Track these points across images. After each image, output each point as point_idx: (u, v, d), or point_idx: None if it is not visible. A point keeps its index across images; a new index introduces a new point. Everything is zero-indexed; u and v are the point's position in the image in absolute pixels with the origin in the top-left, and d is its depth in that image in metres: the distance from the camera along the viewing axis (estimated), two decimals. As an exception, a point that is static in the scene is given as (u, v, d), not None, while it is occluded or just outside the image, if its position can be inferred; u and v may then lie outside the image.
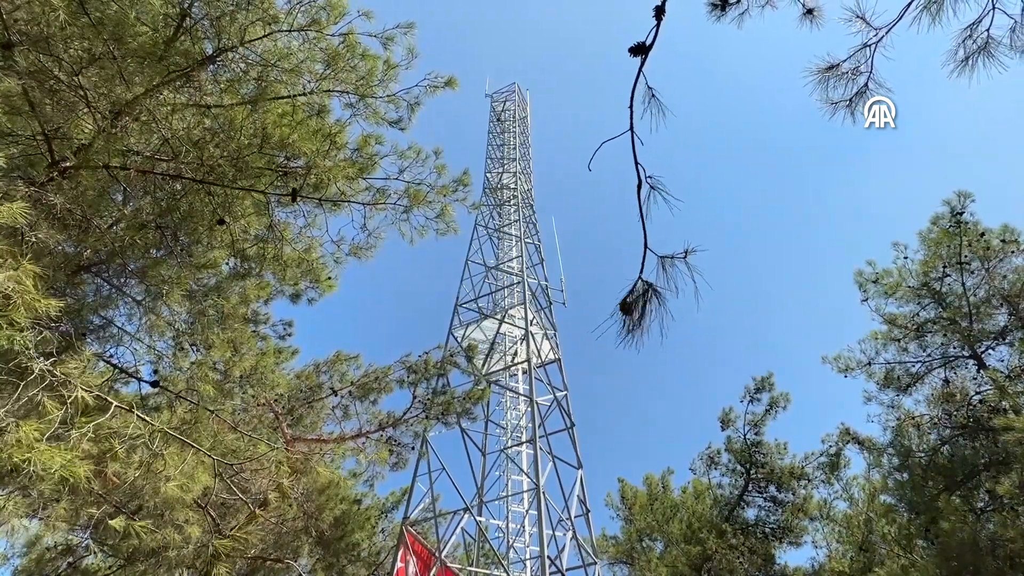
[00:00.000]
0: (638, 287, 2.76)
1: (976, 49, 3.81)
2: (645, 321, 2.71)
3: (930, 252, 14.17)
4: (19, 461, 3.95)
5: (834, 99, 3.87)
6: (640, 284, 2.77)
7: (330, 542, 13.80)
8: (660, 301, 2.68)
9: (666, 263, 2.66)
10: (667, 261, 2.65)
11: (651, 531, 19.88)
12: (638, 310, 2.72)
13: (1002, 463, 11.91)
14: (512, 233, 20.98)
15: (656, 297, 2.68)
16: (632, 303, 2.75)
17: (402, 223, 6.48)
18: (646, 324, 2.72)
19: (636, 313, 2.71)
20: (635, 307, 2.73)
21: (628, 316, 2.74)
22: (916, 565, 13.01)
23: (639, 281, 2.78)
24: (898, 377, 14.71)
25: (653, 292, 2.69)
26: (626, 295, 2.77)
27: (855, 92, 3.88)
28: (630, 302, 2.75)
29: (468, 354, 13.93)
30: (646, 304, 2.69)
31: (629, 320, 2.74)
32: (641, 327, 2.71)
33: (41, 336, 4.35)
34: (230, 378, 8.88)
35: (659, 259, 2.71)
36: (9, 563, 15.72)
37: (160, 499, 6.54)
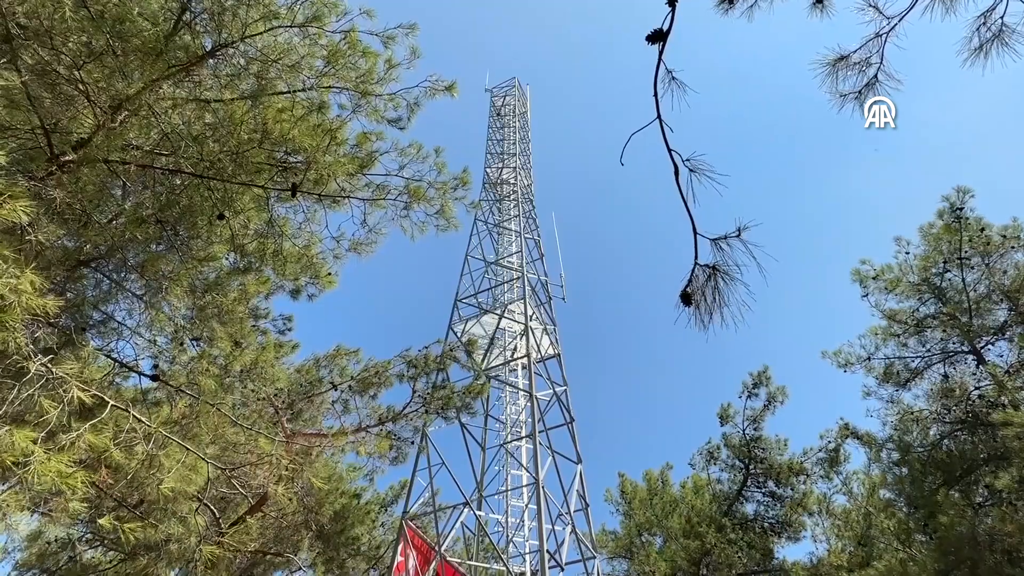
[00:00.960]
0: (696, 274, 2.69)
1: (990, 37, 3.76)
2: (714, 306, 2.63)
3: (930, 247, 14.16)
4: (13, 465, 3.95)
5: (843, 91, 3.84)
6: (699, 270, 2.69)
7: (330, 536, 13.84)
8: (727, 282, 2.59)
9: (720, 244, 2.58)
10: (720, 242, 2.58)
11: (650, 526, 19.94)
12: (702, 297, 2.65)
13: (1001, 458, 11.94)
14: (512, 228, 20.95)
15: (722, 279, 2.60)
16: (692, 292, 2.68)
17: (402, 219, 6.47)
18: (715, 308, 2.63)
19: (700, 300, 2.64)
20: (697, 295, 2.66)
21: (689, 306, 2.68)
22: (915, 559, 13.07)
23: (695, 267, 2.69)
24: (897, 372, 14.73)
25: (716, 274, 2.62)
26: (685, 284, 2.69)
27: (865, 84, 3.84)
28: (690, 291, 2.69)
29: (468, 349, 13.93)
30: (715, 288, 2.61)
31: (693, 309, 2.67)
32: (714, 312, 2.63)
33: (37, 335, 4.33)
34: (230, 373, 8.88)
35: (712, 242, 2.62)
36: (9, 557, 15.78)
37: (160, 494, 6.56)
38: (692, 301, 2.68)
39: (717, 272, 2.64)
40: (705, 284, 2.65)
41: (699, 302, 2.68)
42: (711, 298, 2.64)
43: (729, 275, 2.60)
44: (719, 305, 2.65)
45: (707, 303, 2.66)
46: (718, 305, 2.64)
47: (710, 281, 2.64)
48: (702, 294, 2.66)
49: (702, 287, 2.66)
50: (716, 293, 2.61)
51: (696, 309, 2.68)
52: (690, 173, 2.84)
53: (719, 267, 2.65)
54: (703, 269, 2.70)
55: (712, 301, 2.65)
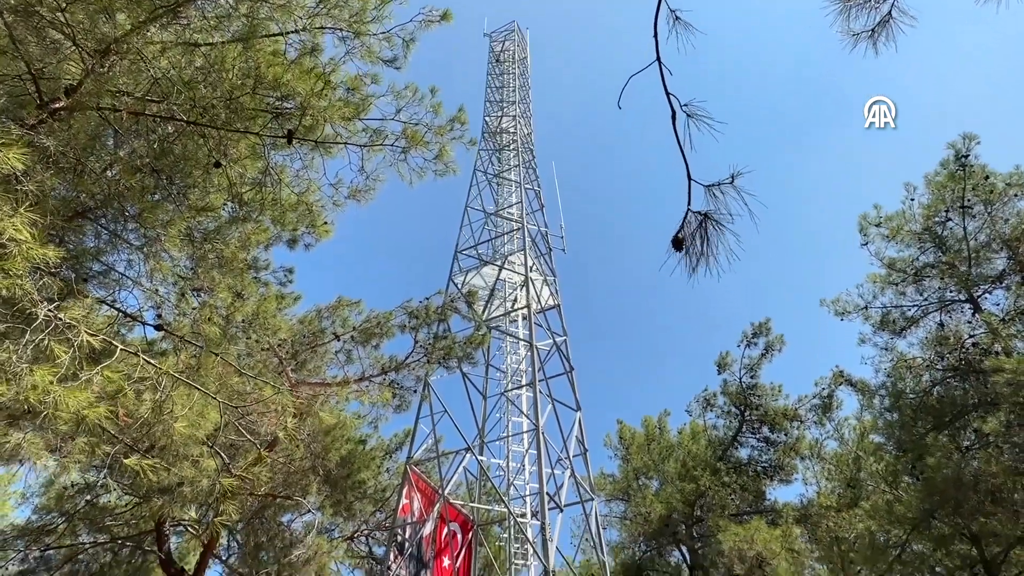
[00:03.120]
0: (689, 219, 2.69)
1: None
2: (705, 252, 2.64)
3: (935, 196, 14.06)
4: (36, 403, 4.05)
5: (855, 30, 3.73)
6: (691, 216, 2.69)
7: (337, 480, 14.30)
8: (718, 229, 2.60)
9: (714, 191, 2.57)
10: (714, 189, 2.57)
11: (647, 470, 20.59)
12: (693, 243, 2.66)
13: (990, 403, 12.20)
14: (511, 179, 20.73)
15: (713, 226, 2.61)
16: (684, 238, 2.69)
17: (400, 164, 6.39)
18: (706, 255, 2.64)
19: (691, 246, 2.66)
20: (689, 240, 2.67)
21: (680, 252, 2.69)
22: (901, 500, 13.54)
23: (688, 212, 2.69)
24: (894, 320, 14.88)
25: (708, 222, 2.62)
26: (677, 230, 2.70)
27: (878, 21, 3.73)
28: (682, 237, 2.69)
29: (468, 300, 14.03)
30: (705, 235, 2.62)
31: (684, 255, 2.68)
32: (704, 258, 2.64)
33: (42, 282, 4.37)
34: (232, 323, 8.98)
35: (706, 188, 2.61)
36: (28, 501, 16.37)
37: (171, 438, 6.75)
38: (683, 247, 2.70)
39: (709, 220, 2.65)
40: (696, 230, 2.67)
41: (690, 248, 2.70)
42: (701, 245, 2.66)
43: (720, 223, 2.62)
44: (709, 252, 2.67)
45: (698, 249, 2.69)
46: (708, 252, 2.67)
47: (701, 228, 2.65)
48: (693, 240, 2.68)
49: (693, 233, 2.68)
50: (706, 240, 2.63)
51: (687, 255, 2.71)
52: (687, 118, 2.81)
53: (711, 215, 2.66)
54: (695, 215, 2.71)
55: (702, 248, 2.68)
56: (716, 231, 2.58)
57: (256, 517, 14.42)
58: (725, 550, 15.00)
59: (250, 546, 14.60)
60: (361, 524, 17.05)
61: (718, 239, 2.59)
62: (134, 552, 17.55)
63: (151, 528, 14.30)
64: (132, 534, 15.63)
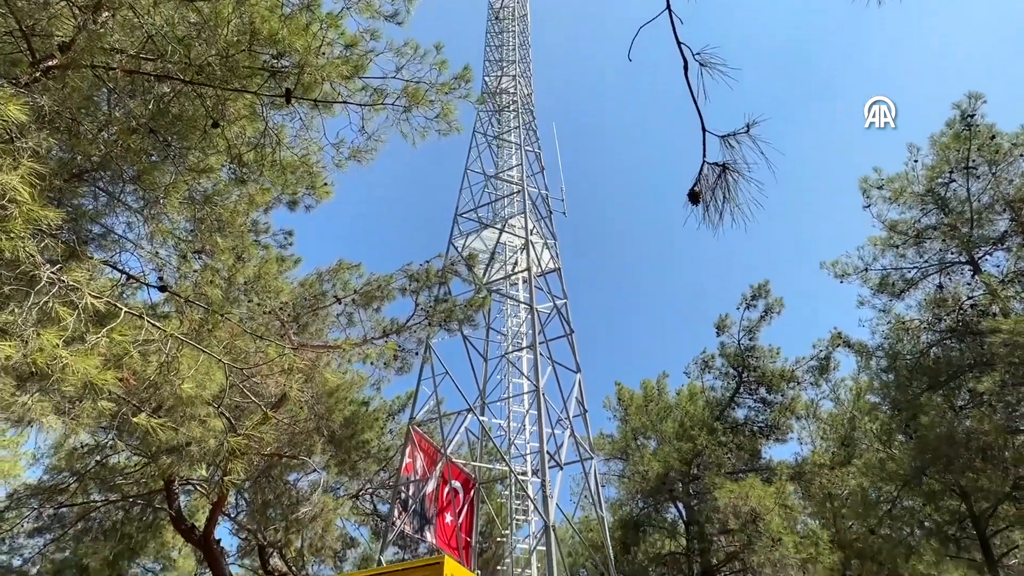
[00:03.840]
0: (705, 172, 2.65)
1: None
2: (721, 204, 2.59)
3: (939, 157, 13.92)
4: (44, 366, 4.09)
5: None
6: (707, 168, 2.64)
7: (341, 440, 14.58)
8: (735, 179, 2.55)
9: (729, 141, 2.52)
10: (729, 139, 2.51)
11: (645, 430, 20.96)
12: (711, 196, 2.62)
13: (986, 364, 12.35)
14: (511, 141, 20.44)
15: (731, 176, 2.56)
16: (700, 190, 2.65)
17: (402, 124, 6.29)
18: (721, 208, 2.60)
19: (710, 198, 2.62)
20: (705, 193, 2.63)
21: (696, 205, 2.66)
22: (893, 458, 13.85)
23: (704, 165, 2.64)
24: (893, 283, 14.92)
25: (725, 173, 2.57)
26: (694, 183, 2.66)
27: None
28: (698, 190, 2.65)
29: (468, 263, 14.03)
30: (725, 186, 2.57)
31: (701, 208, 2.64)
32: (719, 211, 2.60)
33: (44, 244, 4.36)
34: (234, 286, 9.00)
35: (721, 139, 2.56)
36: (39, 462, 16.71)
37: (178, 399, 6.85)
38: (700, 200, 2.65)
39: (727, 170, 2.60)
40: (716, 182, 2.63)
41: (707, 201, 2.66)
42: (721, 196, 2.62)
43: (739, 172, 2.57)
44: (729, 203, 2.63)
45: (716, 202, 2.65)
46: (728, 203, 2.63)
47: (720, 179, 2.61)
48: (711, 193, 2.64)
49: (711, 186, 2.64)
50: (726, 191, 2.59)
51: (704, 208, 2.67)
52: (700, 68, 2.74)
53: (729, 165, 2.61)
54: (712, 167, 2.67)
55: (722, 199, 2.64)
56: (735, 181, 2.54)
57: (263, 476, 14.74)
58: (720, 506, 15.41)
59: (258, 503, 14.98)
60: (365, 483, 17.46)
61: (736, 190, 2.55)
62: (145, 510, 18.03)
63: (161, 487, 14.64)
64: (142, 493, 16.02)
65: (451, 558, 6.29)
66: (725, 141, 2.53)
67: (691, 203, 2.64)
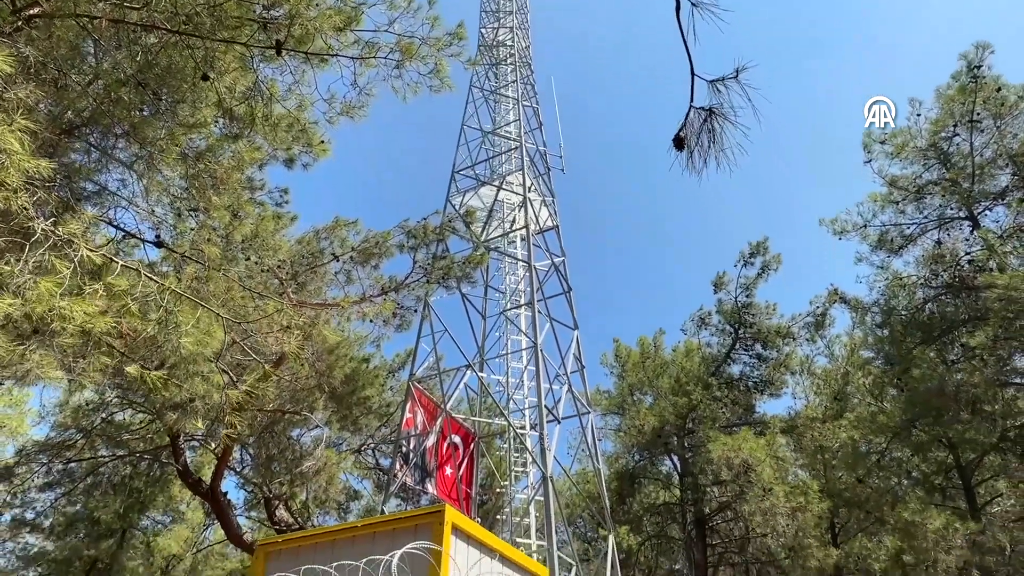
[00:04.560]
0: (691, 117, 2.60)
1: None
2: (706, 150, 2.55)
3: (943, 110, 13.71)
4: (43, 315, 4.12)
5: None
6: (694, 113, 2.59)
7: (342, 397, 14.81)
8: (721, 125, 2.51)
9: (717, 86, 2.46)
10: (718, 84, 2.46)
11: (642, 385, 21.30)
12: (696, 142, 2.57)
13: (979, 319, 12.47)
14: (509, 95, 20.04)
15: (717, 122, 2.52)
16: (686, 136, 2.61)
17: (394, 79, 6.16)
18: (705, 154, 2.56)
19: (694, 144, 2.57)
20: (691, 139, 2.59)
21: (681, 151, 2.61)
22: (884, 411, 14.13)
23: (691, 109, 2.58)
24: (891, 239, 14.92)
25: (712, 117, 2.52)
26: (679, 128, 2.62)
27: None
28: (684, 136, 2.61)
29: (466, 221, 13.95)
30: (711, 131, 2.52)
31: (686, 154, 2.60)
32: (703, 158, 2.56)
33: (38, 196, 4.33)
34: (232, 244, 8.98)
35: (709, 83, 2.50)
36: (45, 420, 17.02)
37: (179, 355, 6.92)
38: (685, 145, 2.62)
39: (713, 114, 2.56)
40: (700, 127, 2.58)
41: (692, 146, 2.63)
42: (706, 142, 2.58)
43: (725, 117, 2.53)
44: (714, 149, 2.60)
45: (701, 147, 2.61)
46: (712, 149, 2.59)
47: (705, 124, 2.57)
48: (696, 138, 2.60)
49: (697, 131, 2.60)
50: (711, 136, 2.55)
51: (689, 154, 2.64)
52: (692, 8, 2.67)
53: (715, 109, 2.57)
54: (698, 112, 2.62)
55: (707, 145, 2.60)
56: (721, 126, 2.50)
57: (266, 431, 15.03)
58: (714, 458, 15.80)
59: (262, 458, 15.33)
60: (367, 438, 17.83)
61: (722, 136, 2.51)
62: (152, 465, 18.49)
63: (167, 443, 14.95)
64: (149, 449, 16.37)
65: (452, 507, 6.48)
66: (713, 86, 2.48)
67: (676, 149, 2.61)
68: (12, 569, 20.49)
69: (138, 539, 20.65)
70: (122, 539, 19.89)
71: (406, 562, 5.64)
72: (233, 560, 23.34)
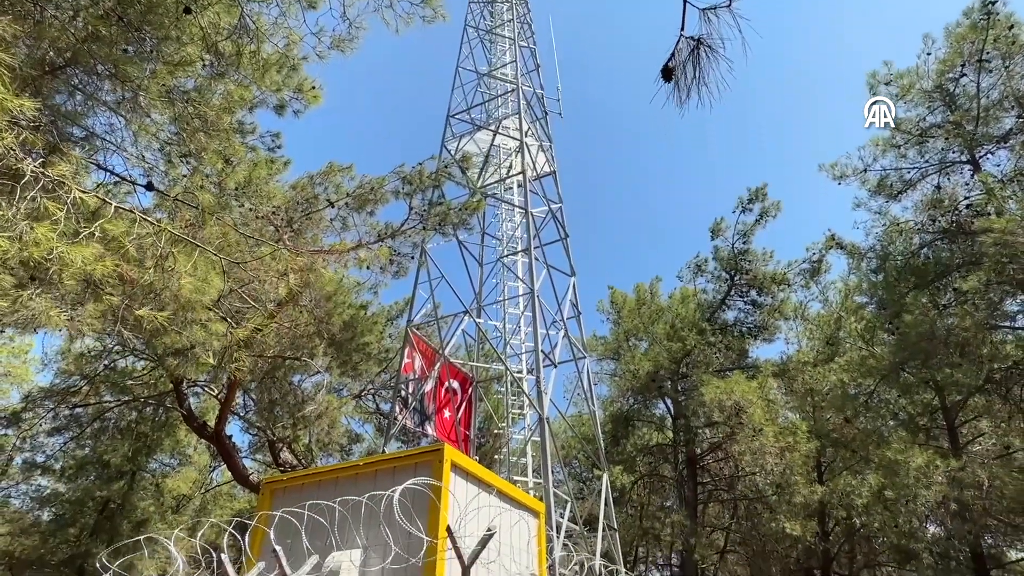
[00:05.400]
0: (680, 47, 2.52)
1: None
2: (694, 81, 2.48)
3: (952, 49, 13.33)
4: (41, 260, 4.11)
5: None
6: (683, 42, 2.52)
7: (342, 343, 14.98)
8: (710, 57, 2.44)
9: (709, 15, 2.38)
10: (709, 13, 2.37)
11: (637, 332, 21.57)
12: (684, 72, 2.50)
13: (973, 264, 12.53)
14: (505, 35, 19.36)
15: (706, 53, 2.44)
16: (675, 67, 2.53)
17: (385, 9, 5.93)
18: (692, 85, 2.50)
19: (681, 75, 2.50)
20: (680, 69, 2.51)
21: (669, 82, 2.54)
22: (874, 355, 14.40)
23: (680, 38, 2.51)
24: (891, 184, 14.81)
25: (700, 48, 2.45)
26: (668, 59, 2.55)
27: None
28: (672, 66, 2.54)
29: (462, 166, 13.74)
30: (696, 62, 2.45)
31: (673, 85, 2.52)
32: (688, 89, 2.49)
33: (24, 136, 4.24)
34: (225, 190, 8.86)
35: (700, 12, 2.41)
36: (49, 367, 17.26)
37: (179, 302, 6.95)
38: (672, 77, 2.55)
39: (701, 45, 2.48)
40: (688, 58, 2.51)
41: (680, 78, 2.55)
42: (692, 73, 2.51)
43: (713, 49, 2.45)
44: (697, 82, 2.53)
45: (688, 79, 2.54)
46: (696, 82, 2.52)
47: (693, 55, 2.49)
48: (683, 69, 2.52)
49: (684, 61, 2.52)
50: (697, 68, 2.48)
51: (676, 85, 2.56)
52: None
53: (703, 39, 2.49)
54: (688, 41, 2.54)
55: (692, 78, 2.53)
56: (709, 58, 2.43)
57: (268, 377, 15.29)
58: (706, 401, 16.19)
59: (264, 402, 15.65)
60: (367, 383, 18.16)
61: (709, 69, 2.44)
62: (157, 410, 18.89)
63: (170, 389, 15.22)
64: (153, 394, 16.69)
65: (451, 446, 6.67)
66: (705, 14, 2.40)
67: (664, 80, 2.54)
68: (27, 510, 21.25)
69: (148, 481, 21.33)
70: (132, 481, 20.54)
71: (407, 497, 5.86)
72: (241, 500, 24.20)
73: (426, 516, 5.89)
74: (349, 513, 6.33)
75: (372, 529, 6.15)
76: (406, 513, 5.64)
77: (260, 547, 6.94)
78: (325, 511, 6.34)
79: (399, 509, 5.40)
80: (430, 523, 5.79)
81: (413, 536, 5.60)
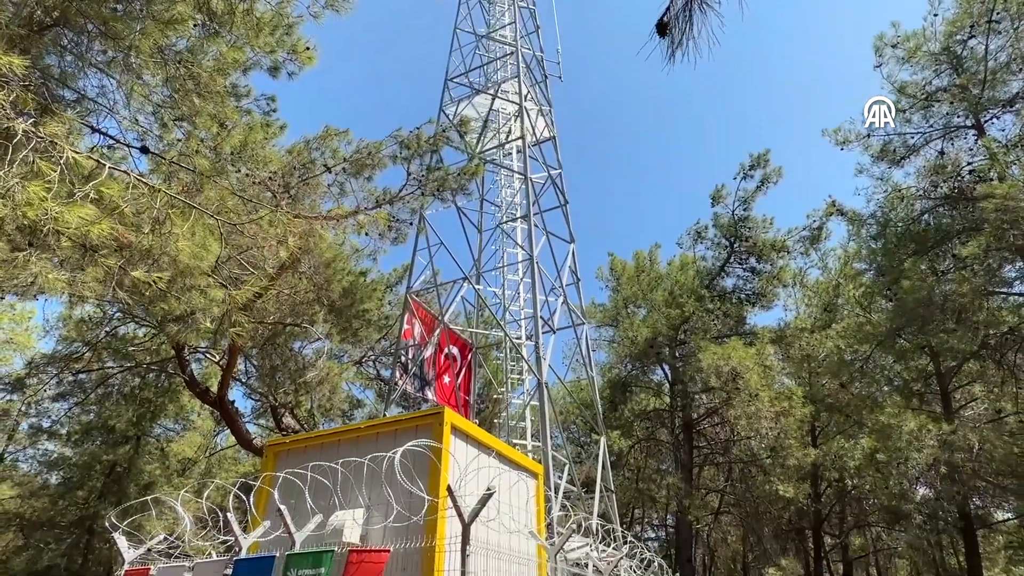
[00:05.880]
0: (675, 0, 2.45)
1: None
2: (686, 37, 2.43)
3: (962, 9, 13.02)
4: (35, 220, 4.08)
5: None
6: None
7: (342, 310, 15.04)
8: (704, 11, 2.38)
9: None
10: None
11: (636, 299, 21.64)
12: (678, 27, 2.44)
13: (974, 229, 12.50)
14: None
15: (700, 6, 2.38)
16: (669, 21, 2.47)
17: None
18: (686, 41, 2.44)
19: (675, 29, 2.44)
20: (674, 24, 2.45)
21: (664, 37, 2.49)
22: (871, 321, 14.48)
23: None
24: (894, 150, 14.66)
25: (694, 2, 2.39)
26: (662, 14, 2.49)
27: None
28: (667, 21, 2.48)
29: (460, 131, 13.56)
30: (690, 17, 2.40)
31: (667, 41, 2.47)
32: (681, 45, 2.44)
33: (15, 96, 4.17)
34: (221, 155, 8.76)
35: None
36: (50, 334, 17.34)
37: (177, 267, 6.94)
38: (667, 32, 2.49)
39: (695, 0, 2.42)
40: (680, 11, 2.45)
41: (674, 32, 2.50)
42: (684, 27, 2.45)
43: (707, 2, 2.39)
44: (690, 37, 2.47)
45: (681, 33, 2.48)
46: (688, 36, 2.46)
47: (686, 8, 2.43)
48: (677, 22, 2.47)
49: (678, 14, 2.46)
50: (689, 22, 2.43)
51: (671, 42, 2.51)
52: None
53: None
54: None
55: (685, 33, 2.47)
56: (702, 11, 2.37)
57: (268, 343, 15.38)
58: (704, 367, 16.36)
59: (266, 368, 15.79)
60: (368, 350, 18.30)
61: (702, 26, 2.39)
62: (160, 376, 19.07)
63: (172, 355, 15.33)
64: (155, 361, 16.83)
65: (451, 410, 6.77)
66: None
67: (658, 35, 2.48)
68: (36, 473, 21.67)
69: (153, 445, 21.69)
70: (137, 445, 20.89)
71: (408, 459, 5.98)
72: (246, 464, 24.65)
73: (427, 477, 6.03)
74: (352, 474, 6.47)
75: (374, 489, 6.30)
76: (407, 474, 5.76)
77: (265, 507, 7.12)
78: (328, 472, 6.48)
79: (400, 470, 5.51)
80: (431, 483, 5.93)
81: (414, 495, 5.75)
